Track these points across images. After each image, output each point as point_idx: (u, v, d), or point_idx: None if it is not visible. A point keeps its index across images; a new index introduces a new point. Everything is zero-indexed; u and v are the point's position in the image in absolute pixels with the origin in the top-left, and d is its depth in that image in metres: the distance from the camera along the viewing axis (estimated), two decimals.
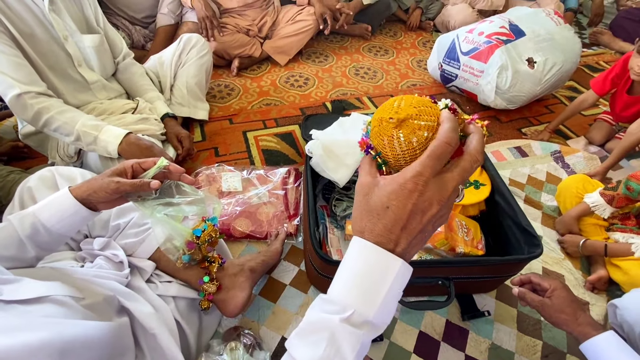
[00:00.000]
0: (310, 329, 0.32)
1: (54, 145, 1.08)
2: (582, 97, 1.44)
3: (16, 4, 0.94)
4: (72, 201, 0.56)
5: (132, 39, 1.73)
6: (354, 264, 0.33)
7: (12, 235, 0.55)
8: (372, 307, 0.31)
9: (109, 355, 0.55)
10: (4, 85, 0.89)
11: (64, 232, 0.57)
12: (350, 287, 0.32)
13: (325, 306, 0.32)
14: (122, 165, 0.58)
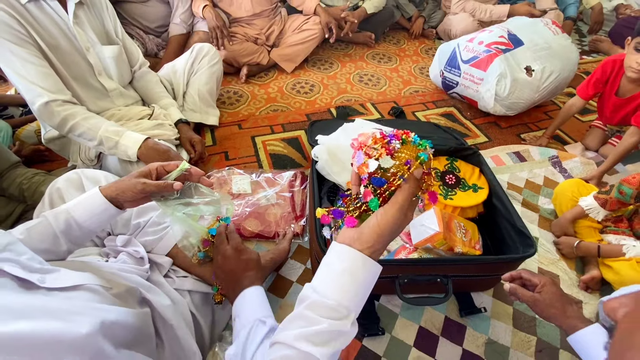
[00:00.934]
0: (327, 337, 0.43)
1: (75, 149, 1.15)
2: (570, 102, 1.49)
3: (43, 18, 1.01)
4: (102, 200, 0.61)
5: (145, 48, 1.81)
6: (363, 276, 0.45)
7: (48, 229, 0.60)
8: (360, 307, 0.46)
9: (135, 340, 0.60)
10: (32, 93, 0.96)
11: (93, 228, 0.63)
12: (354, 294, 0.44)
13: (332, 314, 0.43)
14: (147, 167, 0.64)
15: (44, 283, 0.51)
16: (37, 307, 0.45)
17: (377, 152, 0.44)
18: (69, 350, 0.43)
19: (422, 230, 1.00)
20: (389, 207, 0.44)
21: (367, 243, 0.44)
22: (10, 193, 1.03)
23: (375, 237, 0.44)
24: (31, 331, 0.40)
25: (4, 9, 0.92)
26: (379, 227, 0.44)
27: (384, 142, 0.45)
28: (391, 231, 0.44)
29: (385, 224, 0.44)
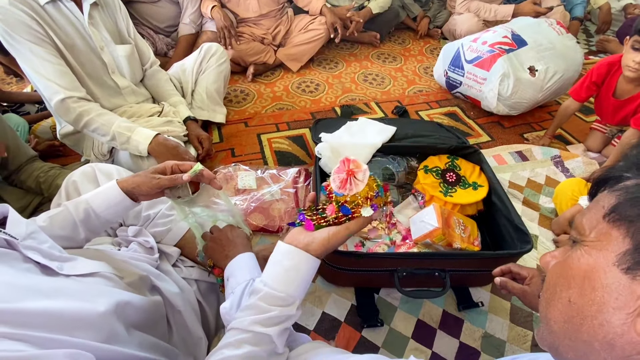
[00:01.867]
0: (277, 321, 0.51)
1: (89, 144, 1.20)
2: (565, 104, 1.50)
3: (60, 18, 1.06)
4: (118, 192, 0.65)
5: (155, 47, 1.86)
6: (307, 272, 0.54)
7: (68, 218, 0.64)
8: (304, 293, 0.54)
9: (147, 324, 0.64)
10: (50, 90, 1.01)
11: (110, 218, 0.67)
12: (298, 285, 0.53)
13: (281, 302, 0.51)
14: (162, 165, 0.68)
15: (62, 270, 0.54)
16: (58, 289, 0.49)
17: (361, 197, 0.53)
18: (87, 327, 0.47)
19: (421, 226, 1.03)
20: (342, 230, 0.54)
21: (316, 251, 0.54)
22: (28, 186, 1.08)
23: (322, 248, 0.54)
24: (54, 309, 0.44)
25: (24, 10, 0.97)
26: (328, 242, 0.54)
27: (372, 193, 0.54)
28: (335, 246, 0.55)
29: (334, 241, 0.54)
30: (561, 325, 0.33)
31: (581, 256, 0.32)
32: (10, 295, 0.41)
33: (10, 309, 0.39)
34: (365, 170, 0.52)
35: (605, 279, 0.29)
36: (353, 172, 0.51)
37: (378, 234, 0.70)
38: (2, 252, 0.47)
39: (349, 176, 0.51)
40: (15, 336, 0.36)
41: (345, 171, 0.51)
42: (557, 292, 0.33)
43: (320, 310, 0.95)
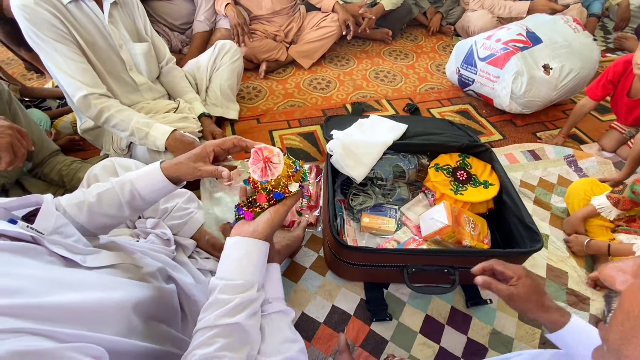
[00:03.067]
0: (242, 307, 0.52)
1: (108, 139, 1.24)
2: (581, 103, 1.48)
3: (82, 17, 1.09)
4: (162, 177, 0.64)
5: (170, 44, 1.90)
6: (258, 256, 0.57)
7: (115, 198, 0.65)
8: (261, 275, 0.57)
9: (161, 315, 0.67)
10: (73, 87, 1.04)
11: (152, 199, 0.67)
12: (253, 269, 0.56)
13: (241, 289, 0.53)
14: (204, 150, 0.65)
15: (85, 263, 0.56)
16: (80, 281, 0.51)
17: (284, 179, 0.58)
18: (107, 317, 0.49)
19: (431, 223, 1.04)
20: (280, 207, 0.59)
21: (262, 234, 0.58)
22: (51, 178, 1.13)
23: (268, 229, 0.58)
24: (76, 301, 0.45)
25: (48, 9, 1.01)
26: (272, 221, 0.58)
27: (291, 169, 0.58)
28: (279, 223, 0.59)
29: (277, 219, 0.59)
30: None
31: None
32: (35, 288, 0.43)
33: (33, 304, 0.40)
34: (278, 153, 0.56)
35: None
36: (269, 159, 0.55)
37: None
38: (28, 247, 0.50)
39: (266, 163, 0.55)
40: (37, 331, 0.37)
41: (261, 160, 0.55)
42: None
43: (330, 303, 0.97)
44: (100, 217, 0.64)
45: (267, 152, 0.55)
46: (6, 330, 0.34)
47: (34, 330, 0.37)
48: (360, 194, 1.19)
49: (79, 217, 0.63)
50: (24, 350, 0.33)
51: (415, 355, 0.89)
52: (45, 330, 0.38)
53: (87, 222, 0.64)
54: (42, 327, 0.38)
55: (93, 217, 0.64)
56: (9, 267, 0.45)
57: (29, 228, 0.53)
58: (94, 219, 0.64)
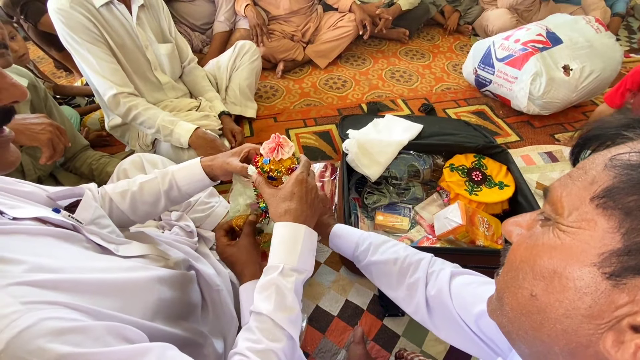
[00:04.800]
0: (261, 288, 0.52)
1: (134, 135, 1.31)
2: (599, 109, 1.45)
3: (112, 20, 1.15)
4: (200, 171, 0.69)
5: (191, 44, 1.95)
6: (278, 238, 0.55)
7: (156, 187, 0.70)
8: (294, 259, 0.53)
9: (186, 302, 0.71)
10: (104, 86, 1.11)
11: (189, 192, 0.72)
12: (277, 253, 0.54)
13: (266, 272, 0.53)
14: (238, 148, 0.71)
15: (118, 252, 0.61)
16: (112, 267, 0.55)
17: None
18: (137, 294, 0.53)
19: (445, 222, 1.05)
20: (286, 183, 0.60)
21: (275, 215, 0.58)
22: (82, 172, 1.20)
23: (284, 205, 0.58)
24: (109, 277, 0.49)
25: (82, 12, 1.07)
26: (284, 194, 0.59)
27: (294, 165, 0.62)
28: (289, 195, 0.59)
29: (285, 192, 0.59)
30: (517, 316, 0.28)
31: (553, 242, 0.26)
32: (72, 267, 0.46)
33: (71, 279, 0.43)
34: (291, 147, 0.61)
35: (580, 279, 0.24)
36: (281, 144, 0.60)
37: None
38: (69, 233, 0.54)
39: (277, 146, 0.60)
40: (71, 305, 0.39)
41: (275, 142, 0.61)
42: (518, 278, 0.28)
43: (343, 298, 1.00)
44: (141, 205, 0.69)
45: (284, 140, 0.61)
46: (43, 301, 0.36)
47: (70, 304, 0.39)
48: (374, 193, 1.22)
49: (122, 205, 0.68)
50: (62, 327, 0.34)
51: (427, 351, 0.91)
52: (80, 305, 0.40)
53: (128, 209, 0.69)
54: (77, 302, 0.41)
55: (135, 204, 0.69)
56: (50, 249, 0.49)
57: (70, 217, 0.58)
58: (135, 207, 0.69)
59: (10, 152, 0.37)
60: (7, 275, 0.37)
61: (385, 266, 0.63)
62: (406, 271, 0.60)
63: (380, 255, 0.64)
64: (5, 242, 0.42)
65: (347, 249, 0.70)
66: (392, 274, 0.62)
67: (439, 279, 0.57)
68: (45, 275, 0.40)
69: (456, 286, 0.55)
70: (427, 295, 0.57)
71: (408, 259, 0.61)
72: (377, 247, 0.65)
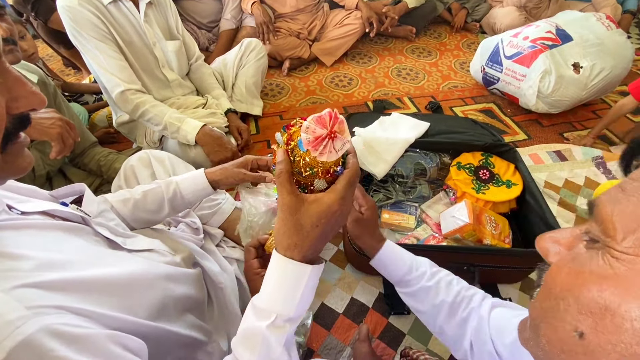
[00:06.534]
0: (247, 334, 0.42)
1: (141, 132, 1.31)
2: (622, 102, 1.41)
3: (120, 17, 1.16)
4: (204, 180, 0.73)
5: (198, 41, 1.96)
6: (277, 276, 0.42)
7: (159, 195, 0.72)
8: (291, 308, 0.41)
9: (192, 298, 0.71)
10: (112, 83, 1.11)
11: (192, 200, 0.75)
12: (272, 294, 0.41)
13: (256, 313, 0.42)
14: (244, 159, 0.76)
15: (125, 245, 0.61)
16: (121, 260, 0.56)
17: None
18: (143, 290, 0.53)
19: (452, 221, 1.04)
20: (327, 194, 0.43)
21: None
22: (90, 168, 1.21)
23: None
24: (116, 273, 0.49)
25: (90, 10, 1.08)
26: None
27: (336, 168, 0.43)
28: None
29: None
30: (557, 352, 0.25)
31: (604, 272, 0.22)
32: (81, 261, 0.46)
33: (77, 278, 0.42)
34: (346, 142, 0.40)
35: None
36: (335, 135, 0.39)
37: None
38: (78, 226, 0.55)
39: (328, 138, 0.39)
40: (76, 310, 0.39)
41: (327, 130, 0.39)
42: (559, 309, 0.24)
43: (349, 295, 1.00)
44: (142, 212, 0.69)
45: (339, 128, 0.39)
46: (49, 306, 0.36)
47: (75, 309, 0.39)
48: (380, 191, 1.21)
49: (122, 211, 0.69)
50: (65, 335, 0.34)
51: (433, 349, 0.91)
52: (85, 309, 0.40)
53: (129, 215, 0.70)
54: (83, 305, 0.40)
55: (136, 212, 0.70)
56: (60, 242, 0.49)
57: (78, 209, 0.58)
58: (136, 214, 0.70)
59: (24, 157, 0.36)
60: (15, 275, 0.37)
61: (438, 295, 0.60)
62: (459, 304, 0.58)
63: (436, 283, 0.61)
64: (15, 237, 0.42)
65: (397, 270, 0.65)
66: (442, 305, 0.60)
67: (480, 310, 0.56)
68: (53, 275, 0.40)
69: (495, 317, 0.54)
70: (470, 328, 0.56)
71: (462, 291, 0.60)
72: (433, 275, 0.63)
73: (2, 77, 0.31)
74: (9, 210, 0.46)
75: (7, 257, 0.38)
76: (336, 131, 0.39)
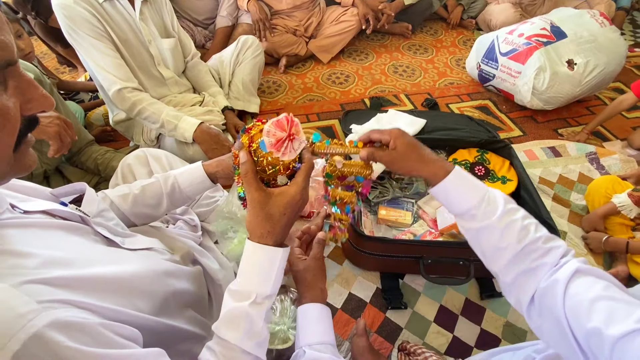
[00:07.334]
0: (230, 316, 0.47)
1: (138, 130, 1.31)
2: (621, 98, 1.43)
3: (116, 15, 1.15)
4: (202, 173, 0.72)
5: (194, 39, 1.95)
6: (253, 261, 0.49)
7: (158, 190, 0.72)
8: (268, 286, 0.49)
9: (192, 295, 0.72)
10: (108, 81, 1.11)
11: (190, 194, 0.74)
12: (251, 278, 0.49)
13: (236, 296, 0.48)
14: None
15: (124, 244, 0.61)
16: (121, 259, 0.56)
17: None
18: (145, 288, 0.53)
19: (448, 217, 1.06)
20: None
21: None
22: (87, 166, 1.21)
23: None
24: (117, 271, 0.49)
25: (86, 7, 1.07)
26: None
27: (293, 164, 0.52)
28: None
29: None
30: None
31: None
32: (82, 260, 0.47)
33: (81, 276, 0.44)
34: (302, 142, 0.48)
35: None
36: (294, 137, 0.46)
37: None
38: (78, 226, 0.55)
39: (288, 140, 0.46)
40: (82, 304, 0.40)
41: (286, 132, 0.45)
42: None
43: (347, 290, 1.01)
44: (142, 207, 0.70)
45: (296, 130, 0.46)
46: (57, 300, 0.38)
47: (80, 303, 0.40)
48: (377, 187, 1.22)
49: (122, 207, 0.69)
50: (68, 321, 0.36)
51: (430, 343, 0.92)
52: (88, 303, 0.41)
53: (129, 210, 0.70)
54: (87, 300, 0.41)
55: (135, 207, 0.70)
56: (61, 241, 0.49)
57: (78, 209, 0.58)
58: (135, 209, 0.71)
59: (29, 156, 0.38)
60: (23, 272, 0.38)
61: (505, 239, 0.51)
62: (528, 254, 0.50)
63: (507, 224, 0.51)
64: (20, 235, 0.43)
65: (463, 201, 0.55)
66: (508, 249, 0.51)
67: (558, 272, 0.47)
68: (58, 272, 0.41)
69: (576, 287, 0.45)
70: (538, 286, 0.49)
71: (538, 242, 0.50)
72: (507, 213, 0.52)
73: (16, 80, 0.34)
74: (11, 209, 0.46)
75: (15, 255, 0.39)
76: (294, 133, 0.46)
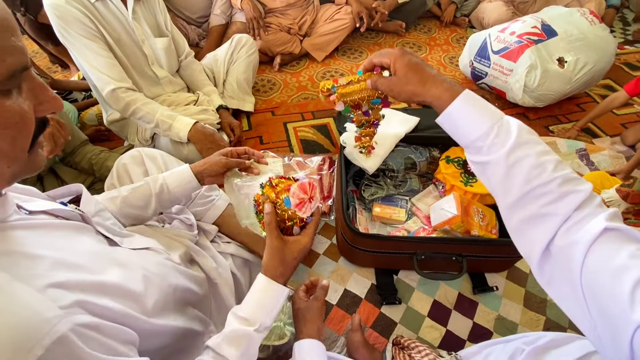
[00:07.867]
0: (234, 335, 0.55)
1: (132, 130, 1.31)
2: (613, 96, 1.45)
3: (108, 14, 1.15)
4: (189, 173, 0.76)
5: (188, 37, 1.94)
6: (263, 295, 0.59)
7: (147, 191, 0.74)
8: (270, 318, 0.58)
9: (192, 293, 0.73)
10: (102, 81, 1.11)
11: (178, 195, 0.77)
12: (259, 309, 0.58)
13: (242, 322, 0.56)
14: (225, 150, 0.79)
15: (123, 244, 0.62)
16: (126, 259, 0.56)
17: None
18: (151, 289, 0.54)
19: (441, 213, 1.07)
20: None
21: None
22: (82, 167, 1.20)
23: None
24: (122, 274, 0.50)
25: (78, 7, 1.07)
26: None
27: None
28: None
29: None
30: None
31: None
32: (91, 265, 0.47)
33: (88, 279, 0.44)
34: (317, 202, 0.63)
35: None
36: (312, 199, 0.61)
37: None
38: (81, 225, 0.55)
39: (308, 201, 0.60)
40: (91, 308, 0.41)
41: (308, 196, 0.61)
42: None
43: (342, 287, 1.03)
44: (129, 208, 0.71)
45: (314, 194, 0.62)
46: (75, 305, 0.38)
47: (90, 306, 0.41)
48: (372, 185, 1.24)
49: (110, 208, 0.71)
50: (87, 324, 0.38)
51: (423, 337, 0.94)
52: (97, 305, 0.42)
53: (117, 211, 0.72)
54: (96, 301, 0.42)
55: (123, 208, 0.72)
56: (67, 241, 0.49)
57: (77, 209, 0.59)
58: (124, 210, 0.72)
59: (40, 156, 0.40)
60: (37, 275, 0.38)
61: (511, 177, 0.44)
62: (537, 198, 0.42)
63: (516, 160, 0.45)
64: (29, 237, 0.43)
65: (472, 130, 0.49)
66: (513, 190, 0.44)
67: (583, 231, 0.39)
68: (68, 275, 0.42)
69: (599, 255, 0.37)
70: (553, 241, 0.41)
71: (552, 184, 0.42)
72: (520, 147, 0.45)
73: (30, 83, 0.35)
74: (18, 210, 0.47)
75: (28, 257, 0.40)
76: (312, 196, 0.61)
